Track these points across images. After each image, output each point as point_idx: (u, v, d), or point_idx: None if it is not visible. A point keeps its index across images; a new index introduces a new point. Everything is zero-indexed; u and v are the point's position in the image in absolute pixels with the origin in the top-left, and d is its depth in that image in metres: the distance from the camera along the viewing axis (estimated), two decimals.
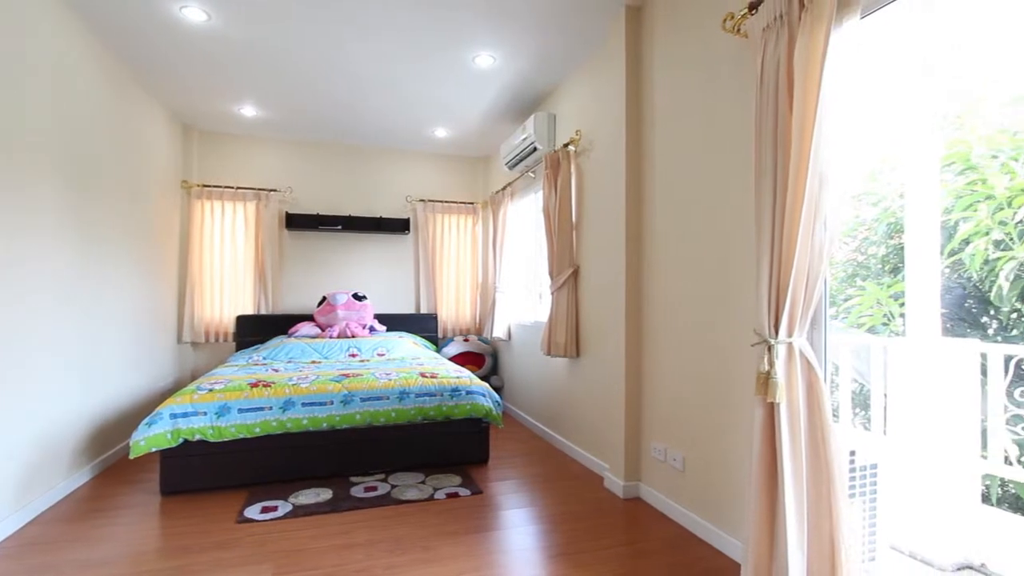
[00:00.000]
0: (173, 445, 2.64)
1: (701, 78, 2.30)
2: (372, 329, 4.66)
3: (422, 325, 5.10)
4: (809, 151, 1.52)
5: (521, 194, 4.46)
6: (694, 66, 2.35)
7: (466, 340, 5.05)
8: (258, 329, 4.61)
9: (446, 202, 5.28)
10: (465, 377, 3.28)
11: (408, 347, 4.26)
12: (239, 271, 4.66)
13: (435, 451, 3.13)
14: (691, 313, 2.34)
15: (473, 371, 4.89)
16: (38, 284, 2.48)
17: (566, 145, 3.32)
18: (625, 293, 2.71)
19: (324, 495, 2.68)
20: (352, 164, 5.08)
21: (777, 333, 1.62)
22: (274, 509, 2.51)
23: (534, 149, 3.72)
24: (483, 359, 5.04)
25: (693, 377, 2.32)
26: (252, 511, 2.48)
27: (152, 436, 2.59)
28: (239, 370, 3.37)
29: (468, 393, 3.16)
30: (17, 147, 2.32)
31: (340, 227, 4.83)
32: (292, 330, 4.46)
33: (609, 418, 2.91)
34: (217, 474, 2.76)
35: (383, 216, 5.09)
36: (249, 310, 4.68)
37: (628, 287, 2.71)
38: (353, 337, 4.36)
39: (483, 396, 3.19)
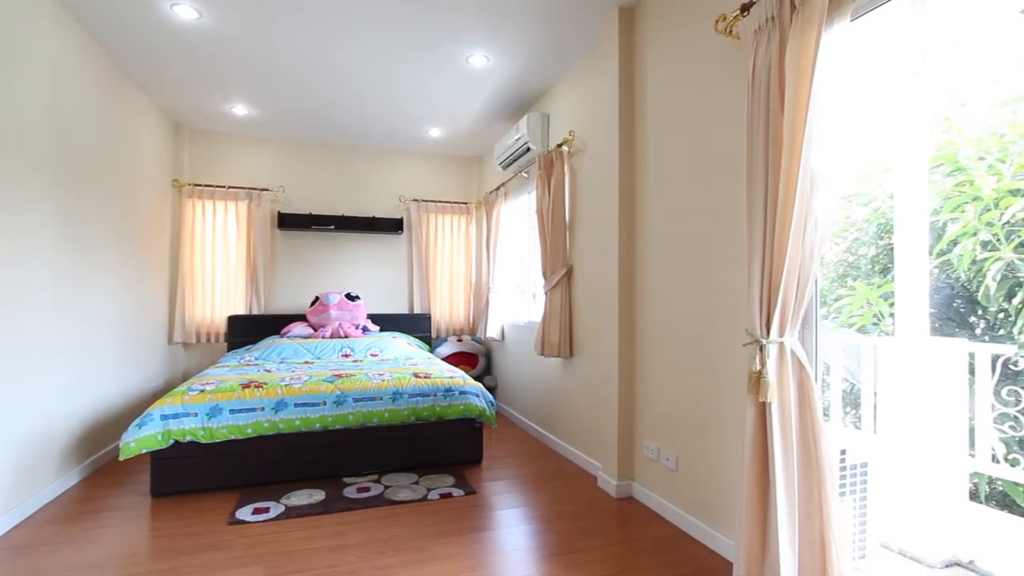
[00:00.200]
0: (164, 446, 2.61)
1: (694, 79, 2.31)
2: (365, 329, 4.64)
3: (415, 325, 5.09)
4: (800, 152, 1.54)
5: (515, 194, 4.46)
6: (687, 67, 2.36)
7: (459, 340, 5.04)
8: (250, 329, 4.59)
9: (439, 202, 5.27)
10: (458, 377, 3.28)
11: (401, 347, 4.25)
12: (231, 271, 4.63)
13: (428, 451, 3.12)
14: (684, 313, 2.35)
15: (467, 371, 4.89)
16: (26, 284, 2.45)
17: (559, 145, 3.33)
18: (618, 293, 2.71)
19: (317, 496, 2.67)
20: (345, 164, 5.06)
21: (768, 333, 1.63)
22: (266, 510, 2.49)
23: (528, 149, 3.73)
24: (476, 359, 5.04)
25: (686, 377, 2.34)
26: (244, 512, 2.47)
27: (142, 437, 2.57)
28: (231, 371, 3.35)
29: (462, 393, 3.16)
30: (5, 145, 2.29)
31: (333, 227, 4.81)
32: (284, 330, 4.44)
33: (602, 418, 2.91)
34: (208, 475, 2.74)
35: (376, 216, 5.08)
36: (241, 310, 4.65)
37: (621, 287, 2.72)
38: (346, 337, 4.35)
39: (477, 396, 3.19)
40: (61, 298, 2.75)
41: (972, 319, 2.78)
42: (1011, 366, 2.23)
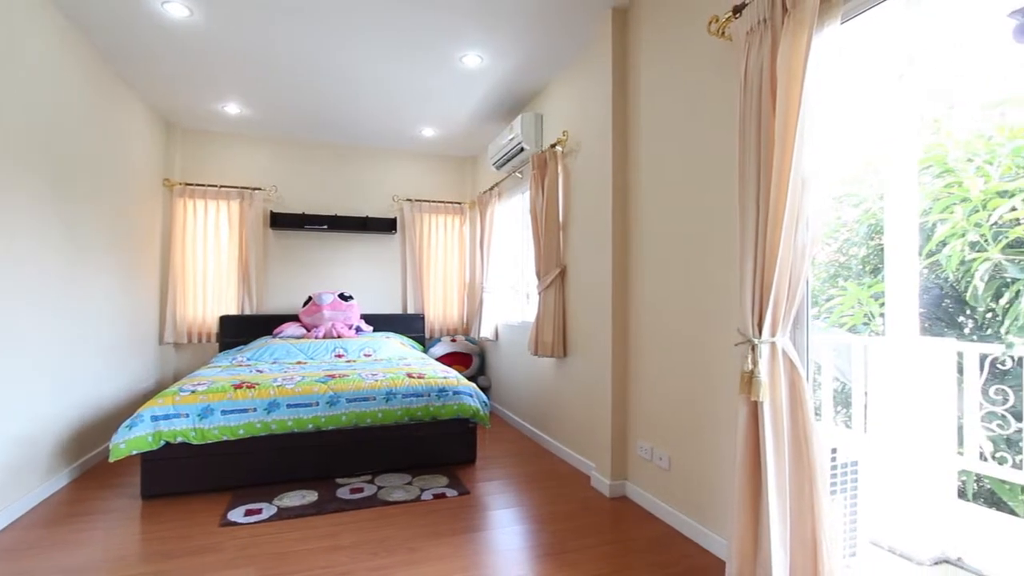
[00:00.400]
0: (154, 448, 2.59)
1: (686, 80, 2.33)
2: (358, 329, 4.63)
3: (409, 325, 5.08)
4: (792, 153, 1.55)
5: (508, 194, 4.46)
6: (679, 68, 2.37)
7: (453, 340, 5.03)
8: (242, 330, 4.55)
9: (433, 202, 5.26)
10: (452, 377, 3.28)
11: (395, 347, 4.24)
12: (223, 271, 4.59)
13: (422, 452, 3.12)
14: (677, 313, 2.36)
15: (460, 371, 4.88)
16: (14, 284, 2.42)
17: (553, 146, 3.33)
18: (612, 293, 2.72)
19: (309, 497, 2.65)
20: (338, 163, 5.04)
21: (760, 333, 1.64)
22: (258, 512, 2.48)
23: (521, 149, 3.73)
24: (470, 359, 5.03)
25: (679, 376, 2.35)
26: (236, 514, 2.45)
27: (133, 439, 2.54)
28: (223, 371, 3.32)
29: (455, 393, 3.16)
30: None
31: (326, 227, 4.79)
32: (277, 331, 4.41)
33: (596, 417, 2.92)
34: (200, 477, 2.72)
35: (370, 216, 5.06)
36: (233, 310, 4.62)
37: (615, 287, 2.73)
38: (339, 337, 4.33)
39: (470, 396, 3.19)
40: (49, 298, 2.72)
41: (961, 319, 2.81)
42: (998, 365, 2.26)
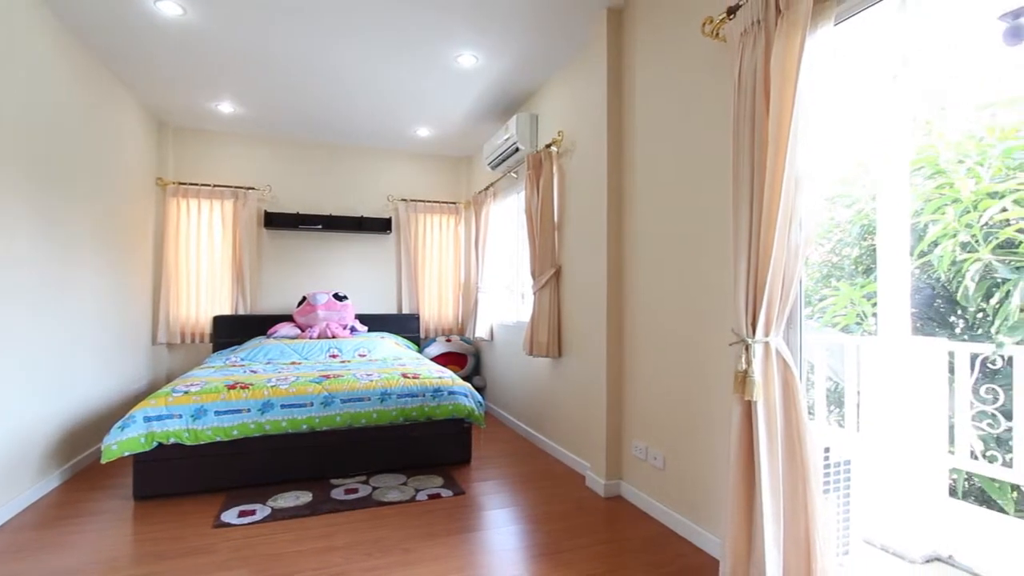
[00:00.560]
0: (147, 449, 2.57)
1: (681, 81, 2.33)
2: (353, 330, 4.61)
3: (404, 325, 5.07)
4: (785, 153, 1.55)
5: (504, 194, 4.46)
6: (674, 69, 2.38)
7: (448, 340, 5.03)
8: (236, 330, 4.53)
9: (428, 202, 5.26)
10: (447, 377, 3.27)
11: (390, 347, 4.23)
12: (216, 271, 4.57)
13: (417, 452, 3.11)
14: (671, 313, 2.37)
15: (455, 371, 4.88)
16: (3, 284, 2.40)
17: (548, 146, 3.34)
18: (607, 293, 2.73)
19: (304, 498, 2.64)
20: (333, 162, 5.02)
21: (754, 332, 1.65)
22: (252, 513, 2.46)
23: (516, 149, 3.73)
24: (465, 359, 5.03)
25: (673, 376, 2.35)
26: (229, 515, 2.44)
27: (125, 440, 2.52)
28: (216, 372, 3.30)
29: (450, 393, 3.15)
30: None
31: (320, 226, 4.77)
32: (271, 331, 4.39)
33: (591, 417, 2.92)
34: (193, 478, 2.70)
35: (364, 215, 5.04)
36: (227, 310, 4.60)
37: (610, 287, 2.73)
38: (334, 338, 4.32)
39: (465, 396, 3.19)
40: (40, 298, 2.69)
41: (952, 319, 2.84)
42: (989, 365, 2.29)
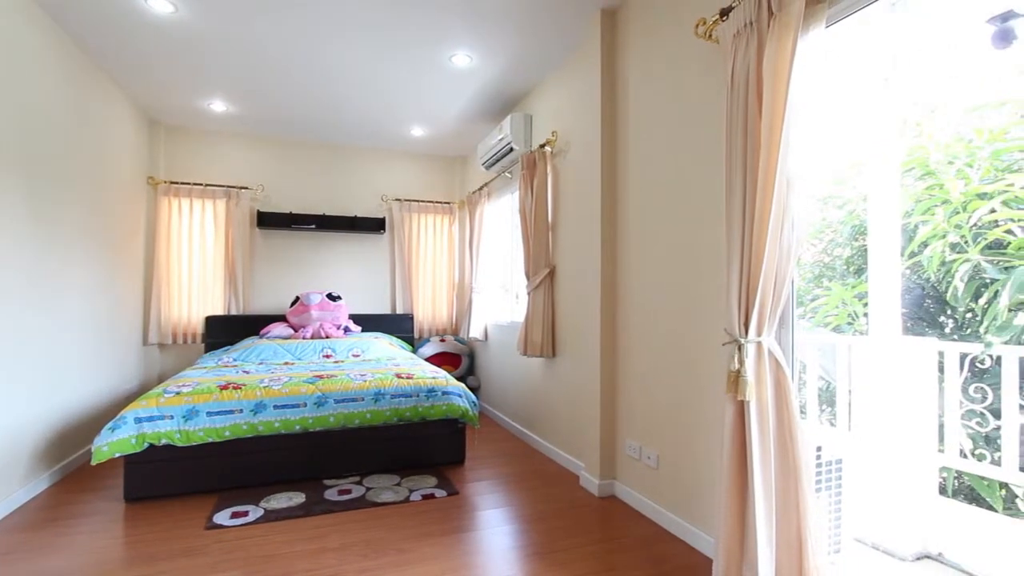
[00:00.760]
0: (138, 450, 2.55)
1: (674, 81, 2.34)
2: (347, 330, 4.60)
3: (398, 325, 5.05)
4: (777, 154, 1.56)
5: (498, 194, 4.46)
6: (668, 70, 2.38)
7: (442, 340, 5.02)
8: (228, 330, 4.50)
9: (422, 201, 5.25)
10: (441, 378, 3.27)
11: (383, 348, 4.22)
12: (208, 271, 4.54)
13: (411, 452, 3.10)
14: (665, 313, 2.38)
15: (449, 371, 4.87)
16: None
17: (542, 146, 3.34)
18: (600, 294, 2.73)
19: (297, 499, 2.63)
20: (326, 162, 5.00)
21: (747, 332, 1.66)
22: (244, 514, 2.45)
23: (511, 149, 3.73)
24: (459, 359, 5.02)
25: (667, 376, 2.36)
26: (221, 517, 2.42)
27: (116, 441, 2.50)
28: (208, 372, 3.28)
29: (444, 394, 3.15)
30: None
31: (314, 226, 4.75)
32: (264, 331, 4.37)
33: (585, 417, 2.93)
34: (185, 479, 2.68)
35: (358, 215, 5.03)
36: (219, 311, 4.57)
37: (603, 288, 2.74)
38: (327, 338, 4.30)
39: (459, 396, 3.18)
40: (29, 298, 2.66)
41: (942, 319, 2.86)
42: (978, 364, 2.31)
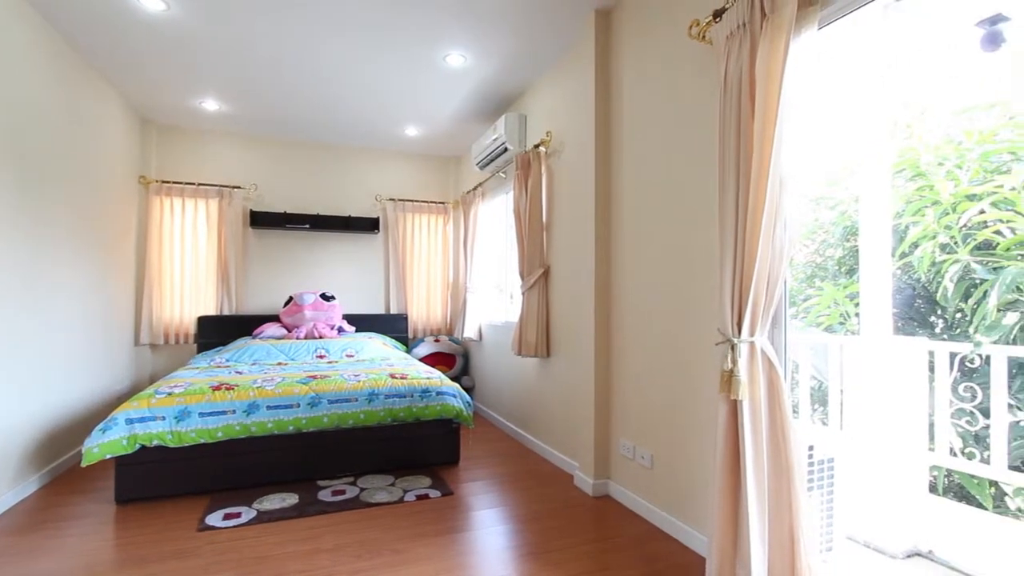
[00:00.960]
0: (129, 451, 2.53)
1: (668, 82, 2.35)
2: (341, 330, 4.58)
3: (392, 325, 5.04)
4: (770, 155, 1.57)
5: (492, 194, 4.46)
6: (662, 70, 2.39)
7: (437, 340, 5.01)
8: (221, 330, 4.47)
9: (417, 201, 5.24)
10: (435, 378, 3.26)
11: (378, 348, 4.21)
12: (200, 270, 4.51)
13: (405, 453, 3.10)
14: (659, 313, 2.38)
15: (444, 372, 4.87)
16: None
17: (537, 146, 3.34)
18: (594, 294, 2.74)
19: (290, 500, 2.62)
20: (320, 162, 4.98)
21: (740, 332, 1.67)
22: (237, 516, 2.44)
23: (505, 150, 3.73)
24: (454, 359, 5.02)
25: (661, 376, 2.37)
26: (214, 518, 2.41)
27: (107, 442, 2.48)
28: (200, 373, 3.26)
29: (438, 394, 3.14)
30: None
31: (307, 226, 4.73)
32: (257, 331, 4.34)
33: (579, 417, 2.94)
34: (177, 481, 2.66)
35: (352, 215, 5.01)
36: (211, 311, 4.54)
37: (597, 288, 2.74)
38: (321, 338, 4.28)
39: (454, 397, 3.18)
40: (19, 298, 2.63)
41: (932, 319, 2.89)
42: (967, 363, 2.34)
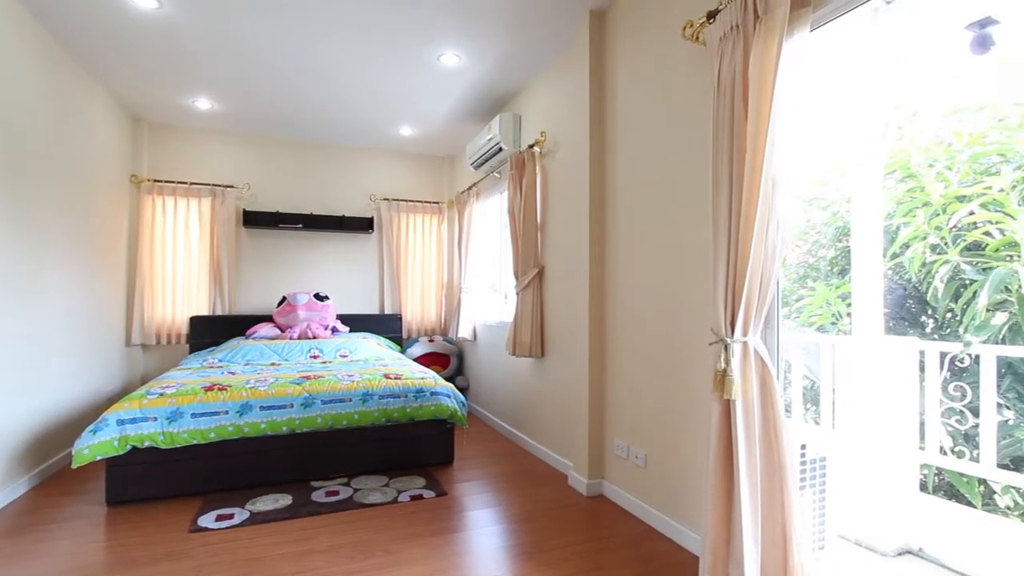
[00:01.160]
0: (120, 453, 2.51)
1: (662, 83, 2.36)
2: (334, 330, 4.56)
3: (386, 326, 5.03)
4: (763, 156, 1.58)
5: (487, 194, 4.45)
6: (656, 71, 2.40)
7: (431, 340, 5.01)
8: (213, 330, 4.45)
9: (411, 201, 5.23)
10: (430, 378, 3.26)
11: (372, 348, 4.19)
12: (193, 270, 4.48)
13: (399, 453, 3.09)
14: (652, 313, 2.39)
15: (438, 372, 4.86)
16: None
17: (531, 146, 3.34)
18: (589, 294, 2.74)
19: (283, 501, 2.61)
20: (314, 161, 4.96)
21: (733, 332, 1.67)
22: (230, 517, 2.42)
23: (500, 149, 3.73)
24: (448, 359, 5.01)
25: (655, 376, 2.38)
26: (206, 519, 2.39)
27: (97, 444, 2.46)
28: (193, 373, 3.24)
29: (433, 394, 3.14)
30: None
31: (301, 225, 4.71)
32: (250, 331, 4.32)
33: (573, 417, 2.94)
34: (169, 482, 2.64)
35: (346, 215, 4.99)
36: (204, 311, 4.51)
37: (592, 288, 2.75)
38: (315, 338, 4.26)
39: (448, 397, 3.18)
40: (8, 298, 2.61)
41: (923, 319, 2.92)
42: (957, 363, 2.36)
